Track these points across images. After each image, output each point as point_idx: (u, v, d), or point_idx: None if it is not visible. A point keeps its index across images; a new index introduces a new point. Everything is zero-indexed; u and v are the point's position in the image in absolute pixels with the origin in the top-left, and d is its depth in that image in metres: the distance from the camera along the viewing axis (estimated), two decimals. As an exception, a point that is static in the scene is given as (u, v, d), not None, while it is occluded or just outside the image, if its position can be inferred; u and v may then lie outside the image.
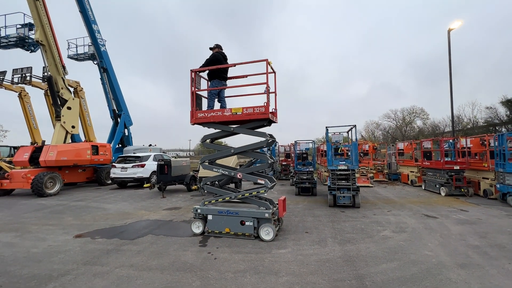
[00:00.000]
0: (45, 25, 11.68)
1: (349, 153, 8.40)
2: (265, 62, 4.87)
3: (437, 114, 69.49)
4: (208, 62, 5.59)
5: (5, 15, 13.49)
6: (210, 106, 5.65)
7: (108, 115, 17.75)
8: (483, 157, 10.13)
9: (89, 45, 17.41)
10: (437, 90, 61.83)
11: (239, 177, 5.27)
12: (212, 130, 5.60)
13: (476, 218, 6.26)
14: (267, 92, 4.93)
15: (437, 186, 10.00)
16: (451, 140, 11.98)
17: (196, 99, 5.45)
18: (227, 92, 6.07)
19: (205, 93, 5.83)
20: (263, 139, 5.07)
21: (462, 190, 9.26)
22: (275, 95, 5.38)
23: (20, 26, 13.36)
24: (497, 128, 28.44)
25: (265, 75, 4.95)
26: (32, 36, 12.98)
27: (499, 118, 29.00)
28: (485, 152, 9.52)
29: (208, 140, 5.68)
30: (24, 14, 13.29)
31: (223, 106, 5.86)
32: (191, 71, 5.40)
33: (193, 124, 5.41)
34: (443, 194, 9.54)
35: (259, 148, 5.30)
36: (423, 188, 11.12)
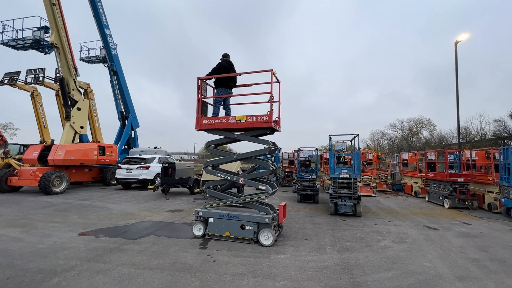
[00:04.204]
0: (60, 28, 12.12)
1: (352, 162, 8.42)
2: (270, 72, 5.00)
3: (444, 126, 68.90)
4: (214, 71, 5.76)
5: (22, 18, 14.06)
6: (215, 113, 5.79)
7: (115, 117, 18.14)
8: (488, 170, 10.03)
9: (100, 49, 17.95)
10: (446, 100, 61.26)
11: (241, 182, 5.38)
12: (216, 136, 5.74)
13: (478, 232, 6.20)
14: (271, 101, 5.05)
15: (441, 198, 9.90)
16: (456, 152, 11.89)
17: (201, 106, 5.60)
18: (232, 100, 6.22)
19: (210, 100, 5.99)
20: (265, 146, 5.18)
21: (466, 203, 9.17)
22: (279, 104, 5.49)
23: (36, 29, 13.90)
24: (505, 142, 28.03)
25: (270, 84, 5.07)
26: (48, 39, 13.48)
27: (507, 131, 28.60)
28: (490, 165, 9.42)
29: (212, 146, 5.82)
30: (41, 18, 13.84)
31: (228, 113, 6.00)
32: (198, 78, 5.57)
33: (198, 130, 5.57)
34: (446, 206, 9.45)
35: (262, 156, 5.41)
36: (427, 199, 11.02)
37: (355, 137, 8.45)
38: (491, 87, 55.28)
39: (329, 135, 8.47)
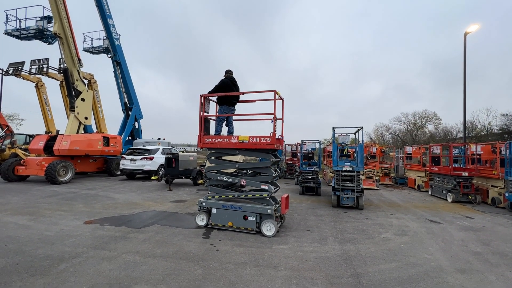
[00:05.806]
0: (63, 18, 12.03)
1: (355, 155, 8.39)
2: (273, 92, 4.94)
3: (450, 120, 67.91)
4: (217, 88, 5.73)
5: (25, 7, 13.99)
6: (218, 131, 5.79)
7: (119, 108, 18.20)
8: (493, 164, 9.94)
9: (103, 39, 17.86)
10: (454, 93, 59.96)
11: (243, 183, 5.40)
12: None
13: (481, 226, 6.19)
14: (274, 122, 4.99)
15: (444, 192, 9.87)
16: (461, 146, 11.77)
17: (204, 123, 5.58)
18: (235, 115, 6.17)
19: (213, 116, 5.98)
20: (268, 159, 5.23)
21: (470, 197, 9.12)
22: (282, 121, 5.43)
23: (39, 19, 13.84)
24: (512, 136, 27.60)
25: (273, 103, 4.99)
26: (51, 29, 13.43)
27: (514, 126, 28.12)
28: (496, 160, 9.33)
29: (213, 157, 5.86)
30: (44, 7, 13.76)
31: (230, 130, 6.00)
32: (201, 96, 5.53)
33: (200, 149, 5.60)
34: (449, 200, 9.42)
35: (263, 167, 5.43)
36: (430, 193, 10.99)
37: (359, 130, 8.39)
38: (501, 81, 53.91)
39: (333, 128, 8.43)
